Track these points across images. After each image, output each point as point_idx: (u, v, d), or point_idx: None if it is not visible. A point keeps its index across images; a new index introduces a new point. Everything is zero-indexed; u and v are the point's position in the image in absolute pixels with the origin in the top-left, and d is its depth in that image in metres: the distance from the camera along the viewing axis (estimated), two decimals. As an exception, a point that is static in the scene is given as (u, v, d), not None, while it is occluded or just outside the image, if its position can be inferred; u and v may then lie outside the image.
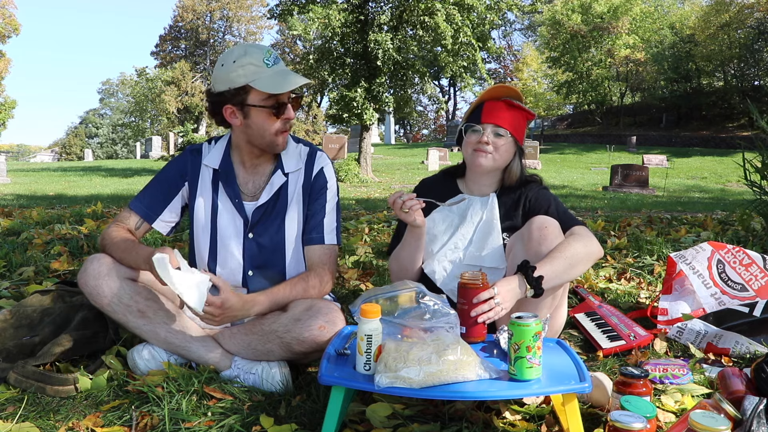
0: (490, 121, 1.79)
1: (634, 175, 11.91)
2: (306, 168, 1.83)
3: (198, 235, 1.83)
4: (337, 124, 14.77)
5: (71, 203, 6.71)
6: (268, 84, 1.63)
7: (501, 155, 1.80)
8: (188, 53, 39.73)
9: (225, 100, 1.67)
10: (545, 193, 1.84)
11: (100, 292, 1.63)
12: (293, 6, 13.00)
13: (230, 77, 1.64)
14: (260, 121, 1.68)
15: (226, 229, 1.80)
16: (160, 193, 1.83)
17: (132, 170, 17.41)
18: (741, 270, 2.09)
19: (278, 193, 1.80)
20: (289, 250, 1.82)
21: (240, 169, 1.82)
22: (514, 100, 1.81)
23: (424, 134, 52.94)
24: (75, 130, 53.78)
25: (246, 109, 1.67)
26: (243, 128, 1.72)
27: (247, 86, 1.63)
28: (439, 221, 1.86)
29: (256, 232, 1.79)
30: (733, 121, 26.33)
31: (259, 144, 1.74)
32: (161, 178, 1.85)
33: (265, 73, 1.64)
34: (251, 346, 1.65)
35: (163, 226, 1.84)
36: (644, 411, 1.28)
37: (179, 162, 1.85)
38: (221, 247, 1.80)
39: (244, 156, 1.81)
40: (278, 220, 1.80)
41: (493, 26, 13.73)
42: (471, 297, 1.46)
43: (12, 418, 1.44)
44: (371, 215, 5.23)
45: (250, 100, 1.65)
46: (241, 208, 1.79)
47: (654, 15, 29.94)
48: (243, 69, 1.62)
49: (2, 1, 27.76)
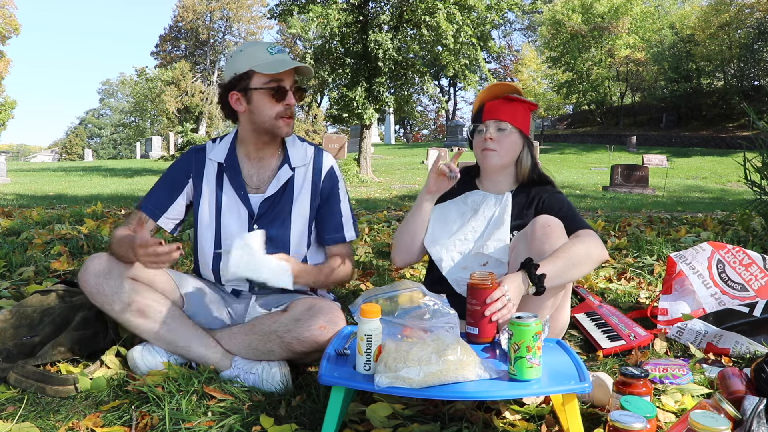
0: (491, 117, 1.82)
1: (634, 175, 11.92)
2: (314, 165, 1.88)
3: (202, 230, 1.85)
4: (337, 124, 14.78)
5: (71, 203, 6.71)
6: (268, 66, 1.71)
7: (507, 149, 1.82)
8: (188, 53, 39.71)
9: (231, 86, 1.76)
10: (559, 197, 1.85)
11: (100, 291, 1.64)
12: (293, 6, 13.01)
13: (236, 65, 1.74)
14: (261, 104, 1.75)
15: (230, 222, 1.83)
16: (164, 192, 1.86)
17: (132, 170, 17.41)
18: (741, 270, 2.09)
19: (285, 186, 1.84)
20: (293, 243, 1.85)
21: (245, 162, 1.86)
22: (513, 94, 1.84)
23: (424, 134, 52.95)
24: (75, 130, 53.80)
25: (249, 94, 1.74)
26: (247, 114, 1.78)
27: (250, 71, 1.72)
28: (452, 210, 1.89)
29: (262, 224, 1.82)
30: (733, 121, 26.32)
31: (263, 128, 1.78)
32: (165, 177, 1.89)
33: (268, 59, 1.73)
34: (252, 345, 1.65)
35: (167, 223, 1.86)
36: (644, 411, 1.28)
37: (183, 161, 1.90)
38: (225, 239, 1.82)
39: (250, 148, 1.85)
40: (284, 213, 1.83)
41: (493, 26, 13.73)
42: (483, 297, 1.46)
43: (12, 418, 1.44)
44: (371, 215, 5.23)
45: (253, 83, 1.73)
46: (246, 201, 1.82)
47: (654, 15, 29.94)
48: (247, 56, 1.73)
49: (2, 1, 27.76)
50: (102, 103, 58.26)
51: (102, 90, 58.14)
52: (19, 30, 28.70)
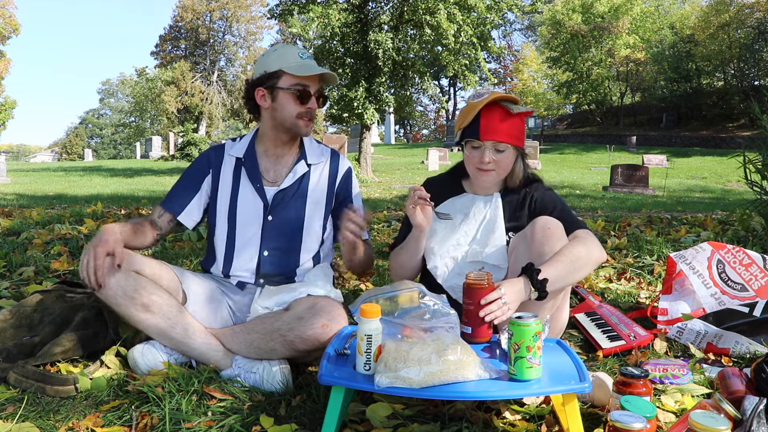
0: (489, 138, 1.73)
1: (634, 175, 11.91)
2: (331, 165, 1.98)
3: (218, 222, 1.93)
4: (337, 124, 14.77)
5: (71, 203, 6.71)
6: (297, 69, 1.81)
7: (504, 168, 1.79)
8: (188, 53, 39.66)
9: (259, 83, 1.86)
10: (551, 194, 1.83)
11: (104, 284, 1.64)
12: (293, 6, 13.01)
13: (267, 63, 1.84)
14: (285, 103, 1.84)
15: (245, 213, 1.90)
16: (183, 189, 1.95)
17: (132, 170, 17.41)
18: (741, 270, 2.09)
19: (300, 180, 1.92)
20: (306, 235, 1.91)
21: (263, 158, 1.94)
22: (510, 104, 1.75)
23: (424, 134, 52.95)
24: (75, 130, 53.80)
25: (275, 92, 1.84)
26: (270, 111, 1.87)
27: (279, 71, 1.82)
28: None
29: (275, 214, 1.89)
30: (733, 121, 26.32)
31: (284, 126, 1.87)
32: (185, 175, 1.99)
33: (298, 62, 1.83)
34: (254, 344, 1.65)
35: (188, 220, 1.95)
36: (644, 411, 1.28)
37: (201, 158, 2.00)
38: (240, 229, 1.89)
39: (269, 144, 1.94)
40: (298, 205, 1.90)
41: (493, 26, 13.74)
42: (478, 297, 1.45)
43: (12, 418, 1.44)
44: (371, 215, 5.23)
45: (281, 83, 1.83)
46: (262, 193, 1.89)
47: (654, 15, 29.94)
48: (279, 57, 1.84)
49: (2, 1, 27.76)
50: (102, 103, 58.29)
51: (102, 90, 58.17)
52: (19, 30, 28.70)
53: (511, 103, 1.76)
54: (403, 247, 1.84)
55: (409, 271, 1.86)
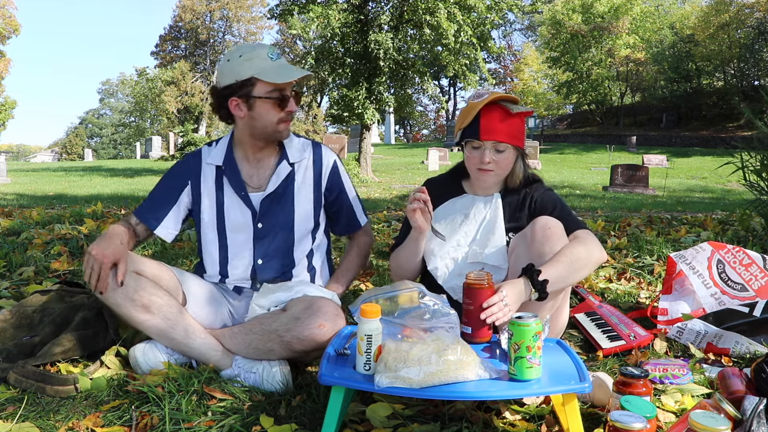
0: (489, 138, 1.73)
1: (634, 175, 11.91)
2: (314, 159, 1.90)
3: (206, 234, 1.87)
4: (337, 124, 14.77)
5: (71, 203, 6.71)
6: (272, 75, 1.70)
7: (504, 168, 1.79)
8: (188, 53, 39.67)
9: (231, 92, 1.74)
10: (551, 195, 1.83)
11: (106, 291, 1.63)
12: (293, 6, 13.01)
13: (237, 70, 1.71)
14: (264, 112, 1.74)
15: (234, 223, 1.84)
16: (160, 200, 1.86)
17: (132, 170, 17.41)
18: (741, 270, 2.09)
19: (285, 182, 1.85)
20: (297, 238, 1.87)
21: (243, 164, 1.86)
22: (510, 104, 1.75)
23: (424, 134, 52.94)
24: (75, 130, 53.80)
25: (251, 101, 1.73)
26: (247, 120, 1.77)
27: (252, 78, 1.70)
28: (441, 218, 1.86)
29: (264, 221, 1.84)
30: (733, 121, 26.31)
31: (263, 135, 1.79)
32: (162, 183, 1.89)
33: (270, 66, 1.72)
34: (252, 345, 1.65)
35: (166, 234, 1.87)
36: (644, 411, 1.28)
37: (180, 167, 1.90)
38: (231, 240, 1.84)
39: (247, 150, 1.86)
40: (286, 209, 1.85)
41: (493, 26, 13.74)
42: (478, 297, 1.45)
43: (12, 418, 1.44)
44: (371, 215, 5.23)
45: (255, 91, 1.72)
46: (248, 201, 1.83)
47: (654, 15, 29.94)
48: (249, 62, 1.70)
49: (2, 1, 27.75)
50: (102, 103, 58.28)
51: (102, 90, 58.18)
52: (19, 30, 28.69)
53: (511, 103, 1.76)
54: (403, 247, 1.85)
55: (409, 271, 1.86)
